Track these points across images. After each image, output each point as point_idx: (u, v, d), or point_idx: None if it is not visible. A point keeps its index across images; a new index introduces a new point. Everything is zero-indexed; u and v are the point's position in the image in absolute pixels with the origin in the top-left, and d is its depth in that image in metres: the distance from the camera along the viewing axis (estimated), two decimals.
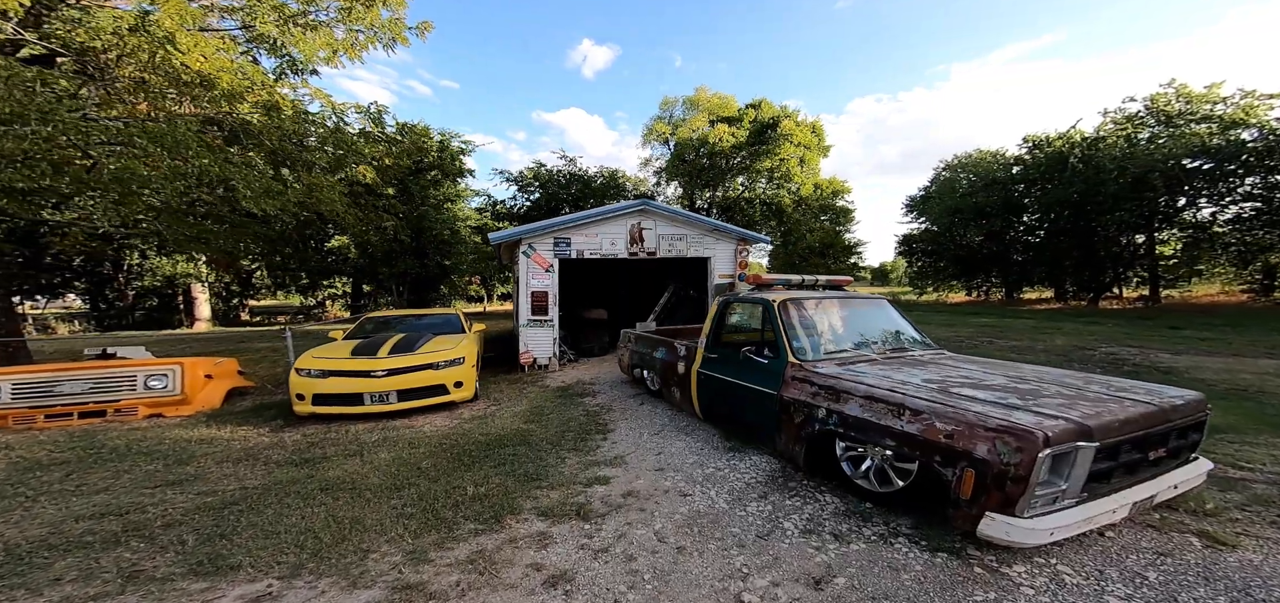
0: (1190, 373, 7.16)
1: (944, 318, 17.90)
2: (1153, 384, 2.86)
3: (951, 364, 3.46)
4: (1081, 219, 22.18)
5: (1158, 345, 9.81)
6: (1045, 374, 3.15)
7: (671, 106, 29.33)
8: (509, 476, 3.66)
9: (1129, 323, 14.31)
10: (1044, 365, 6.18)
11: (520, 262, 7.94)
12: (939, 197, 29.40)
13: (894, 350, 3.90)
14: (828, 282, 4.76)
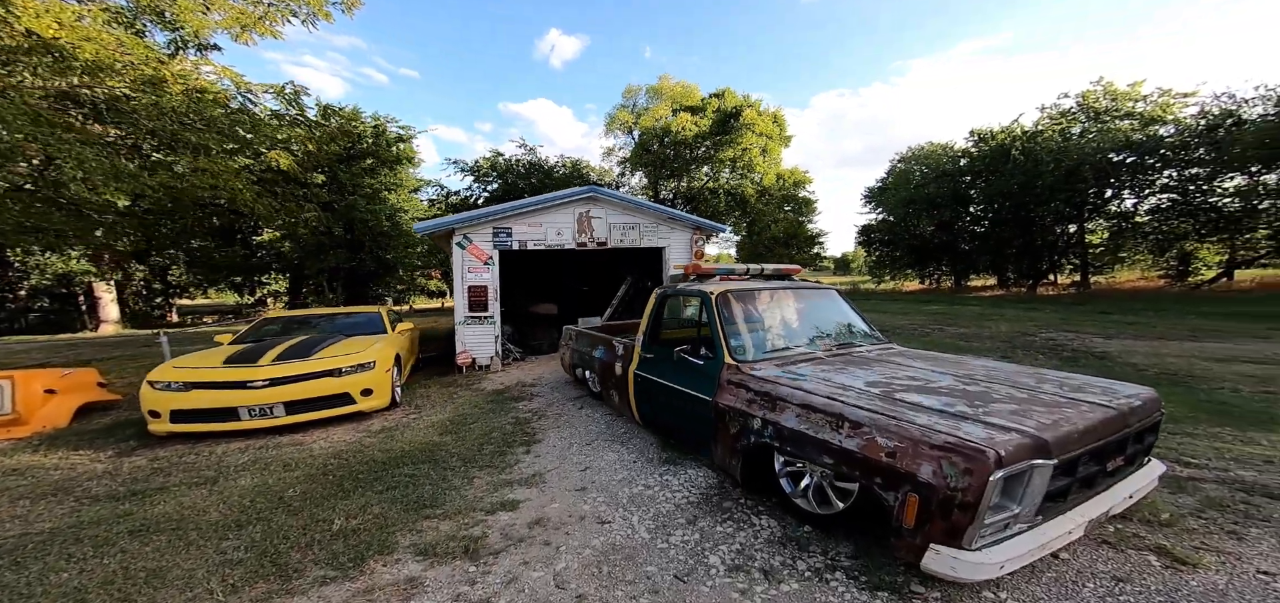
0: (1123, 358, 7.30)
1: (899, 306, 18.30)
2: (1106, 382, 2.59)
3: (898, 362, 3.10)
4: (1021, 209, 23.18)
5: (1091, 331, 10.14)
6: (995, 371, 2.84)
7: (635, 95, 28.64)
8: (396, 503, 3.06)
9: (1064, 308, 14.97)
10: (990, 357, 6.01)
11: (455, 254, 7.19)
12: (894, 188, 30.20)
13: (841, 347, 3.52)
14: (775, 270, 4.36)
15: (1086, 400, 2.25)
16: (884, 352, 3.47)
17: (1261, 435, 3.72)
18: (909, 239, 29.61)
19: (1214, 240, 19.50)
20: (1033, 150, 22.92)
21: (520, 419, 4.85)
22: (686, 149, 25.36)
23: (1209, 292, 17.62)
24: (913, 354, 3.42)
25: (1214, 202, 18.86)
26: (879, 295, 25.54)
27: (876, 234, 31.51)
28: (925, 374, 2.78)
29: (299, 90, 9.09)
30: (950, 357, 3.32)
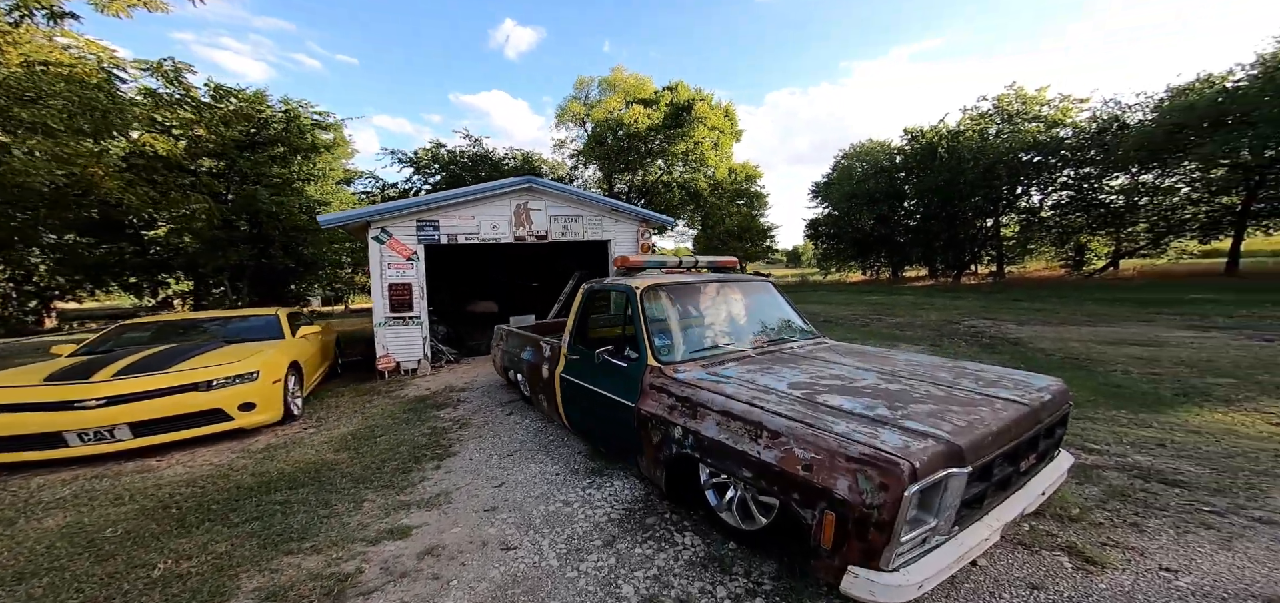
0: (1033, 343, 7.82)
1: (843, 297, 19.06)
2: (1019, 374, 2.54)
3: (826, 359, 2.95)
4: (948, 204, 24.84)
5: (1007, 318, 10.90)
6: (917, 365, 2.75)
7: (587, 86, 27.86)
8: (251, 537, 2.55)
9: (984, 297, 16.14)
10: (920, 347, 6.08)
11: (372, 250, 6.45)
12: (838, 184, 31.47)
13: (773, 343, 3.33)
14: (711, 263, 4.13)
15: (1001, 397, 2.16)
16: (814, 347, 3.33)
17: (1152, 417, 3.96)
18: (852, 233, 31.03)
19: (1103, 233, 21.82)
20: (956, 149, 24.55)
21: (438, 429, 4.36)
22: (640, 142, 25.00)
23: (1099, 280, 19.69)
24: (842, 349, 3.30)
25: (1103, 198, 21.07)
26: (826, 287, 26.58)
27: (822, 228, 32.77)
28: (850, 372, 2.64)
29: (181, 68, 7.79)
30: (877, 350, 3.22)
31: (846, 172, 31.60)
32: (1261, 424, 3.70)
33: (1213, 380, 5.02)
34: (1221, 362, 5.78)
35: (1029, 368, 6.14)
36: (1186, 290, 13.64)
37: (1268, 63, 15.13)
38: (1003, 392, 2.23)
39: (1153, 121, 17.91)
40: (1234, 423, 3.75)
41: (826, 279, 32.68)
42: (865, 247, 30.85)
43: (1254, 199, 17.37)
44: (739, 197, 29.63)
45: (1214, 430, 3.57)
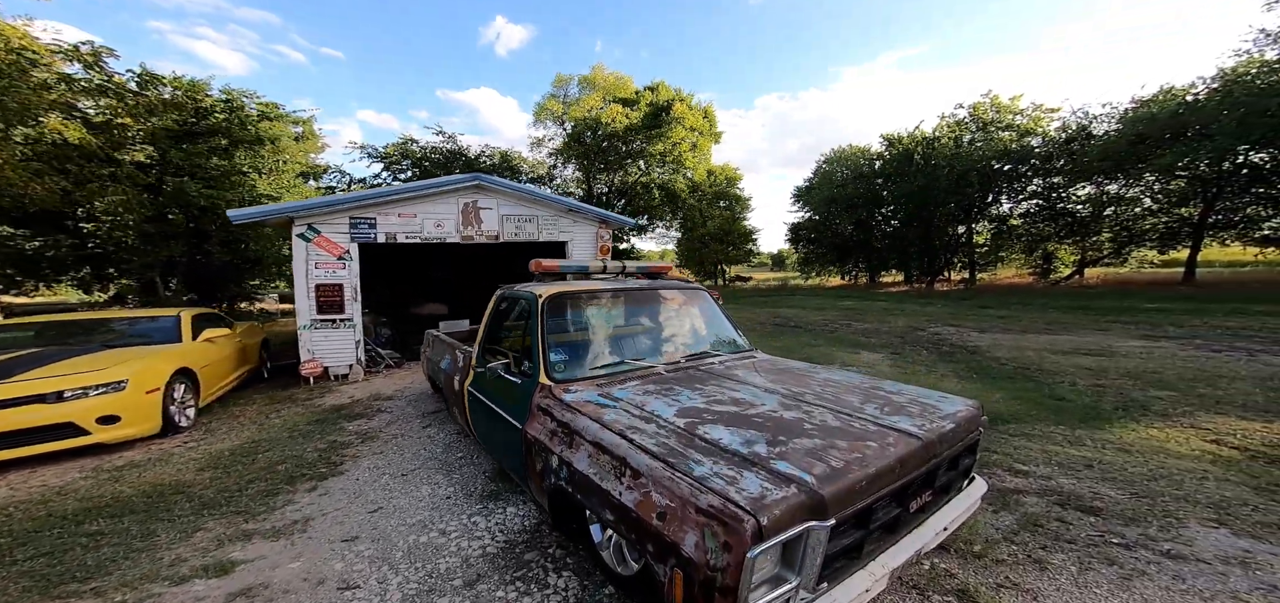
0: (990, 351, 7.75)
1: (819, 302, 19.05)
2: (934, 397, 2.30)
3: (737, 379, 2.64)
4: (923, 210, 25.09)
5: (970, 325, 10.89)
6: (831, 385, 2.49)
7: (566, 84, 27.41)
8: (26, 577, 2.19)
9: (953, 304, 16.25)
10: (882, 353, 5.83)
11: (297, 248, 6.01)
12: (819, 188, 31.56)
13: (692, 359, 3.00)
14: (641, 269, 3.84)
15: (898, 429, 1.91)
16: (735, 364, 3.03)
17: (1088, 434, 3.81)
18: (831, 237, 31.18)
19: (1070, 242, 22.26)
20: (931, 155, 24.82)
21: (337, 444, 3.99)
22: (620, 142, 24.67)
23: (1065, 288, 20.05)
24: (765, 366, 3.01)
25: (1070, 208, 21.49)
26: (804, 291, 26.64)
27: (803, 232, 32.85)
28: (753, 395, 2.36)
29: (102, 51, 7.18)
30: (800, 367, 2.95)
31: (827, 176, 31.72)
32: (1195, 441, 3.58)
33: (1155, 393, 4.94)
34: (1166, 373, 5.73)
35: (982, 378, 6.06)
36: (1144, 300, 13.89)
37: (1227, 76, 15.51)
38: (903, 422, 1.97)
39: (1117, 132, 18.29)
40: (1167, 440, 3.62)
41: (807, 283, 32.77)
42: (844, 251, 31.04)
43: (1210, 211, 17.85)
44: (719, 199, 29.54)
45: (1145, 449, 3.43)
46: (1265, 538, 2.20)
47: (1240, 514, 2.41)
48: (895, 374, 6.22)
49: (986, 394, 5.18)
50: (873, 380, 2.62)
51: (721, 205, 31.16)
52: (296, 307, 6.00)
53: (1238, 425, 3.88)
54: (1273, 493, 2.67)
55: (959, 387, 5.53)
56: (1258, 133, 13.55)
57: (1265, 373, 5.53)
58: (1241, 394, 4.74)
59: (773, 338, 9.85)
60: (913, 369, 6.61)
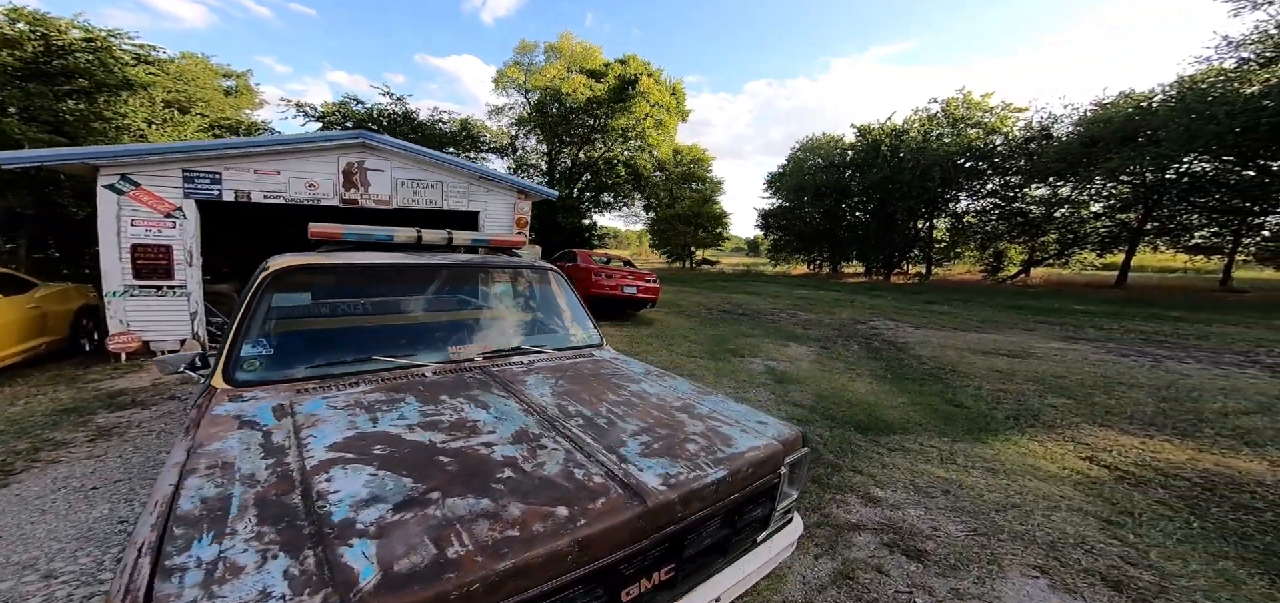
0: (917, 348, 7.67)
1: (778, 290, 18.97)
2: (738, 423, 1.81)
3: (515, 391, 1.91)
4: (886, 203, 25.36)
5: (910, 320, 10.91)
6: (626, 404, 1.96)
7: (531, 51, 25.96)
8: None
9: (903, 297, 16.45)
10: (811, 347, 5.45)
11: (103, 200, 5.09)
12: (791, 175, 31.49)
13: (494, 355, 2.31)
14: (477, 242, 2.96)
15: (633, 483, 1.37)
16: (544, 363, 2.35)
17: (966, 448, 3.60)
18: (799, 225, 31.33)
19: (1021, 241, 22.97)
20: (898, 148, 24.98)
21: (55, 441, 3.33)
22: (583, 115, 23.62)
23: (1011, 285, 20.72)
24: (583, 369, 2.43)
25: (1023, 208, 22.10)
26: (766, 278, 26.66)
27: (773, 219, 32.87)
28: (503, 414, 1.72)
29: None
30: (624, 372, 2.35)
31: (799, 164, 31.67)
32: (1069, 458, 3.41)
33: (1051, 401, 4.84)
34: (1070, 378, 5.69)
35: (894, 380, 5.90)
36: (1075, 301, 14.36)
37: (1184, 84, 15.91)
38: (657, 468, 1.44)
39: (1074, 134, 18.71)
40: (1041, 456, 3.44)
41: (774, 270, 32.94)
42: (810, 240, 31.28)
43: (1148, 218, 18.61)
44: (689, 180, 29.01)
45: (1014, 467, 3.22)
46: (1079, 593, 1.95)
47: (1070, 559, 2.17)
48: (814, 372, 5.98)
49: (891, 398, 4.98)
50: (693, 395, 2.16)
51: (692, 187, 30.69)
52: (102, 270, 5.14)
53: (1117, 440, 3.75)
54: (1117, 527, 2.47)
55: (870, 389, 5.32)
56: (1201, 141, 13.98)
57: (1163, 381, 5.56)
58: (1132, 405, 4.68)
59: (710, 325, 9.55)
60: (831, 367, 6.41)
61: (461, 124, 22.07)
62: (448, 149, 20.70)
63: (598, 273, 9.04)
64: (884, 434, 3.85)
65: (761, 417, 1.90)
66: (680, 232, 30.97)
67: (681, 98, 25.83)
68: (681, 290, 17.30)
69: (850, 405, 4.62)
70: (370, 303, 2.55)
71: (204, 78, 19.30)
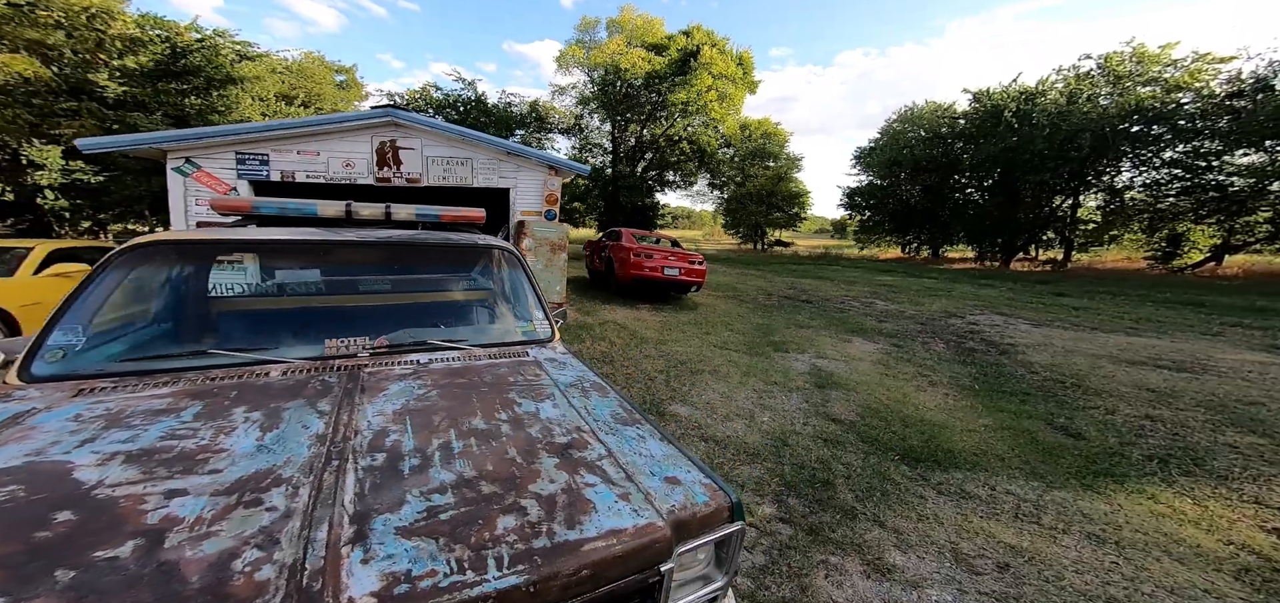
0: (1027, 352, 6.18)
1: (857, 274, 16.99)
2: (581, 492, 1.17)
3: (371, 399, 1.50)
4: (1009, 177, 21.53)
5: (1026, 316, 8.96)
6: (485, 438, 1.40)
7: (593, 27, 25.91)
8: None
9: (1027, 287, 13.72)
10: (884, 342, 4.75)
11: (173, 184, 5.79)
12: (884, 149, 28.25)
13: (396, 349, 1.94)
14: (423, 215, 2.57)
15: None
16: (454, 362, 1.93)
17: (1064, 500, 2.60)
18: (892, 204, 28.04)
19: (1213, 221, 18.01)
20: (1027, 113, 21.01)
21: None
22: (645, 90, 23.10)
23: (1192, 276, 16.35)
24: (458, 378, 1.72)
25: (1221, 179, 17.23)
26: (847, 262, 24.16)
27: (861, 198, 29.83)
28: (291, 438, 1.31)
29: None
30: (525, 386, 1.80)
31: (895, 137, 28.22)
32: (1244, 529, 2.27)
33: (1231, 439, 3.43)
34: (1271, 408, 4.06)
35: (982, 393, 4.67)
36: None
37: None
38: (364, 576, 0.94)
39: None
40: (1192, 522, 2.34)
41: (861, 253, 29.88)
42: (905, 220, 27.84)
43: None
44: (759, 156, 27.23)
45: (1139, 537, 2.20)
46: None
47: None
48: (872, 376, 5.01)
49: (969, 417, 3.93)
50: (602, 426, 1.55)
51: (767, 164, 28.81)
52: None
53: None
54: None
55: (942, 403, 4.28)
56: None
57: None
58: None
59: (761, 313, 8.67)
60: (898, 370, 5.34)
61: (531, 106, 22.84)
62: (517, 131, 21.60)
63: (636, 253, 8.60)
64: (940, 469, 2.95)
65: (684, 470, 1.32)
66: (751, 211, 29.34)
67: (749, 68, 24.12)
68: (744, 274, 16.22)
69: (906, 424, 3.70)
70: (256, 286, 2.31)
71: (320, 74, 22.39)
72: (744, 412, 3.80)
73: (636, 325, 6.95)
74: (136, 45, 9.37)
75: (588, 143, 26.84)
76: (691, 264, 8.80)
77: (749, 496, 2.54)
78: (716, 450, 3.08)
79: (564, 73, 26.16)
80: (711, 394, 4.14)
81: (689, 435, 3.26)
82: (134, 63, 9.15)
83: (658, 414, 3.59)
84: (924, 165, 25.27)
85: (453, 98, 20.88)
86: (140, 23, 10.22)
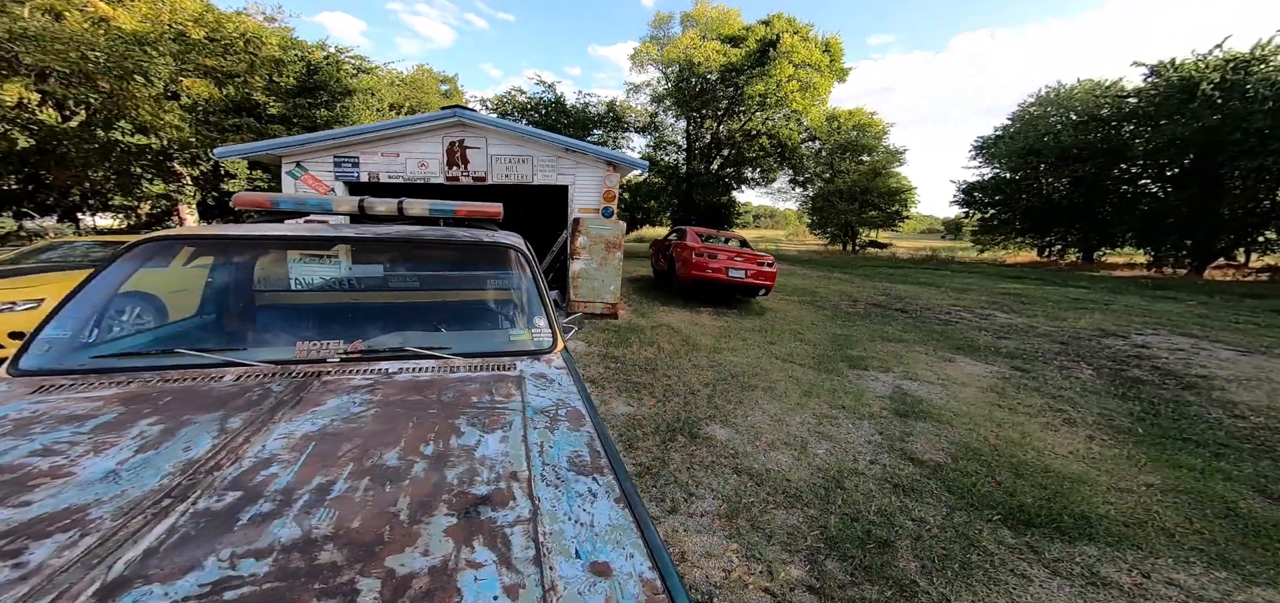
0: (1229, 391, 4.67)
1: (970, 282, 14.51)
2: None
3: (291, 416, 1.35)
4: (1207, 162, 17.12)
5: (1232, 339, 6.85)
6: (382, 477, 1.15)
7: (667, 23, 25.72)
8: None
9: (1228, 302, 10.62)
10: (1005, 364, 4.08)
11: (286, 186, 6.68)
12: (1016, 137, 24.20)
13: (364, 356, 1.76)
14: (438, 210, 2.39)
15: None
16: (381, 378, 1.66)
17: (1219, 588, 1.72)
18: (1027, 199, 23.90)
19: None
20: (1236, 85, 16.55)
21: None
22: (722, 84, 22.37)
23: None
24: (419, 393, 1.49)
25: None
26: (957, 265, 20.95)
27: (982, 193, 25.86)
28: (148, 470, 1.19)
29: (221, 17, 9.13)
30: (462, 413, 1.47)
31: (1032, 122, 24.01)
32: None
33: None
34: None
35: (1171, 434, 3.51)
36: None
37: None
38: None
39: None
40: None
41: (980, 256, 25.88)
42: (1045, 218, 23.52)
43: None
44: (848, 150, 24.93)
45: None
46: None
47: None
48: (978, 407, 4.09)
49: (1124, 472, 2.98)
50: (510, 475, 1.22)
51: (861, 159, 26.30)
52: None
53: None
54: None
55: (1082, 449, 3.33)
56: None
57: None
58: None
59: (840, 322, 7.71)
60: (1018, 402, 4.30)
61: (608, 106, 23.39)
62: (594, 131, 22.26)
63: (699, 253, 8.15)
64: (1062, 538, 2.18)
65: (625, 553, 0.97)
66: (840, 209, 26.93)
67: (837, 55, 22.10)
68: (827, 277, 14.79)
69: (1017, 473, 2.86)
70: (254, 282, 2.34)
71: (428, 84, 25.60)
72: (795, 440, 3.23)
73: (692, 330, 6.53)
74: (281, 65, 11.44)
75: (662, 140, 26.79)
76: (760, 266, 8.14)
77: (774, 551, 2.05)
78: (747, 487, 2.59)
79: (638, 70, 26.41)
80: (760, 415, 3.61)
81: (718, 465, 2.81)
82: (279, 80, 11.19)
83: (689, 436, 3.18)
84: (1074, 153, 21.15)
85: (534, 101, 22.02)
86: (282, 44, 12.42)
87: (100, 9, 8.40)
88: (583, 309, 7.00)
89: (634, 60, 25.98)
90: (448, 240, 2.31)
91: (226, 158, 6.64)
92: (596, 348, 5.35)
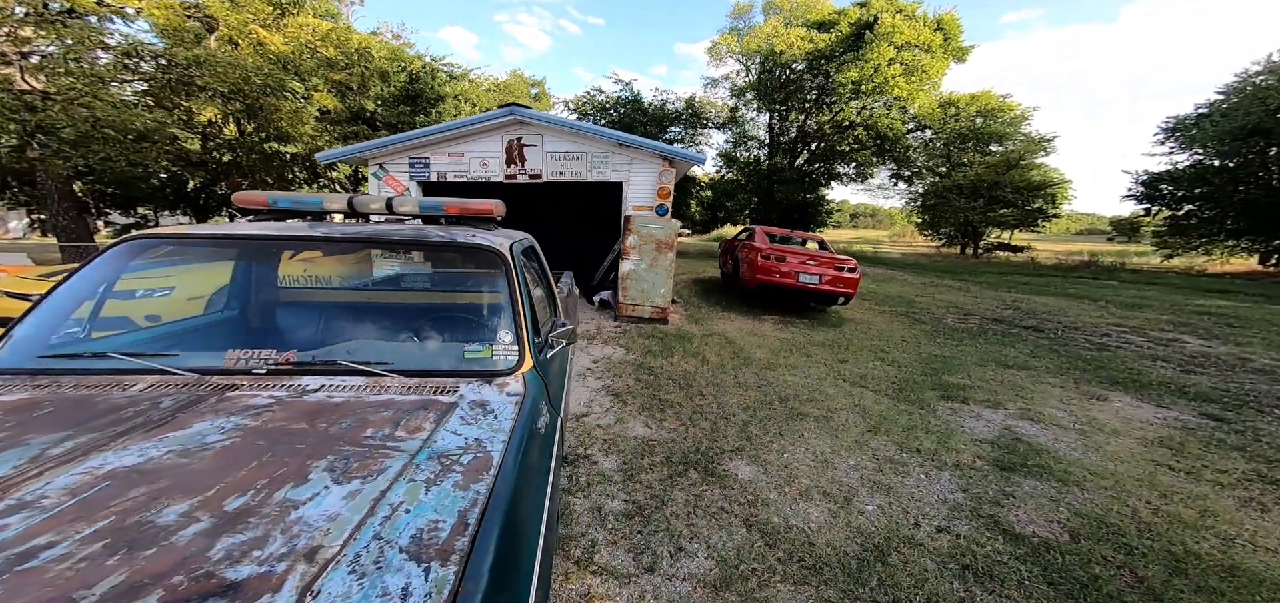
0: None
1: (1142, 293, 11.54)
2: None
3: (153, 440, 1.25)
4: None
5: None
6: (200, 526, 1.02)
7: (746, 12, 24.44)
8: None
9: None
10: (1173, 408, 3.41)
11: (372, 187, 7.35)
12: (1228, 116, 19.16)
13: (295, 369, 1.64)
14: (426, 208, 2.27)
15: None
16: (293, 394, 1.52)
17: None
18: (1246, 193, 18.88)
19: None
20: None
21: None
22: (809, 74, 20.80)
23: None
24: (323, 418, 1.33)
25: None
26: (1126, 273, 17.05)
27: (1173, 186, 20.89)
28: None
29: (341, 30, 10.81)
30: (356, 447, 1.23)
31: (1257, 96, 18.81)
32: None
33: None
34: None
35: None
36: None
37: None
38: None
39: None
40: None
41: (1164, 264, 20.96)
42: (1272, 215, 18.36)
43: None
44: (970, 138, 21.76)
45: None
46: None
47: None
48: (1135, 463, 3.18)
49: None
50: (312, 550, 0.94)
51: (988, 149, 22.82)
52: None
53: None
54: None
55: None
56: None
57: None
58: None
59: (942, 340, 6.53)
60: (1202, 462, 3.24)
61: (686, 103, 23.10)
62: (672, 128, 22.12)
63: (765, 255, 7.48)
64: None
65: None
66: (957, 207, 23.46)
67: (954, 33, 19.26)
68: (934, 285, 12.87)
69: (1179, 568, 2.08)
70: (235, 284, 2.38)
71: (519, 88, 27.74)
72: (839, 489, 2.65)
73: (747, 341, 5.95)
74: (387, 76, 13.18)
75: (743, 136, 25.75)
76: (838, 271, 7.22)
77: None
78: (754, 547, 2.12)
79: (716, 64, 25.67)
80: (801, 452, 3.05)
81: (727, 513, 2.37)
82: (385, 90, 12.92)
83: (703, 471, 2.75)
84: None
85: (613, 99, 22.36)
86: (387, 55, 14.19)
87: (258, 34, 10.08)
88: (631, 313, 6.76)
89: (712, 53, 25.33)
90: (420, 241, 2.16)
91: (326, 162, 7.59)
92: (634, 356, 5.06)
